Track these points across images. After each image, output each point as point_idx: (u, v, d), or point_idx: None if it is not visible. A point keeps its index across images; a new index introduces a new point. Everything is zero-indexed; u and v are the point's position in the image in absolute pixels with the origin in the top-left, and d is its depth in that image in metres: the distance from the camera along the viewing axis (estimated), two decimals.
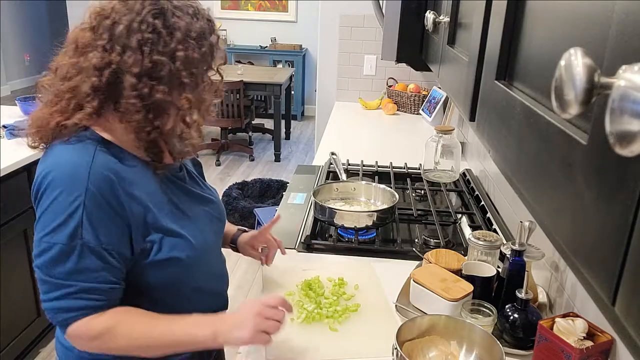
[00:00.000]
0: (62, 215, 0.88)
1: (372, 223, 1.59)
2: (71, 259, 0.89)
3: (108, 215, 0.91)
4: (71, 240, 0.89)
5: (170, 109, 0.95)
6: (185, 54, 0.91)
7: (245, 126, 5.41)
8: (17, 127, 2.43)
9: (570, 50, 0.31)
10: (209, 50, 0.96)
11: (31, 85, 7.99)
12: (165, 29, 0.91)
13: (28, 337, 2.34)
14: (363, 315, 1.24)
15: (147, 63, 0.89)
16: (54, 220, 0.89)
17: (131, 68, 0.89)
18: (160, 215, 0.98)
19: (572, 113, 0.31)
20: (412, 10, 1.48)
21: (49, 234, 0.89)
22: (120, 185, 0.92)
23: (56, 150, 0.93)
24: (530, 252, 1.15)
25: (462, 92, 0.78)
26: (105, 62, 0.90)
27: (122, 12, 0.91)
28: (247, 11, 6.80)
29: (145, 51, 0.89)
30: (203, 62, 0.96)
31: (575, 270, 0.38)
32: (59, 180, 0.89)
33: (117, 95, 0.92)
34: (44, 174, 0.91)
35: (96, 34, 0.92)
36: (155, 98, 0.91)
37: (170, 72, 0.91)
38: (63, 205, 0.88)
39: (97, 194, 0.89)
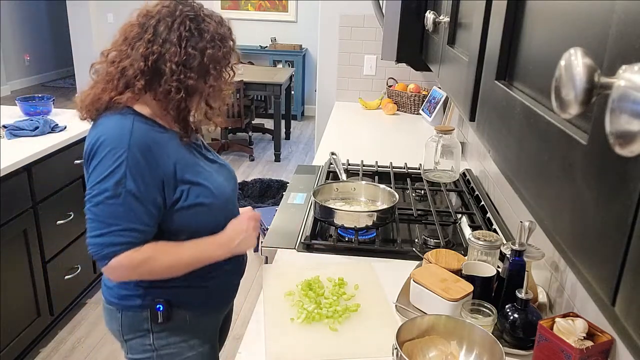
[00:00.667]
0: (110, 168, 1.11)
1: (372, 223, 1.59)
2: (117, 202, 1.11)
3: (146, 169, 1.13)
4: (116, 187, 1.11)
5: (197, 93, 1.20)
6: (212, 52, 1.17)
7: (245, 126, 5.41)
8: (18, 127, 2.43)
9: (570, 50, 0.31)
10: (229, 51, 1.22)
11: (31, 85, 8.00)
12: (198, 30, 1.16)
13: (28, 337, 2.34)
14: (363, 315, 1.24)
15: (183, 55, 1.14)
16: (103, 172, 1.11)
17: (171, 58, 1.14)
18: (186, 171, 1.20)
19: (572, 113, 0.31)
20: (412, 10, 1.47)
21: (99, 183, 1.11)
22: (155, 146, 1.15)
23: (104, 121, 1.16)
24: (530, 252, 1.15)
25: (462, 92, 0.78)
26: (150, 51, 1.14)
27: (165, 14, 1.15)
28: (247, 11, 6.81)
29: (182, 45, 1.14)
30: (224, 59, 1.21)
31: (575, 270, 0.38)
32: (107, 142, 1.12)
33: (159, 78, 1.16)
34: (96, 139, 1.13)
35: (143, 29, 1.16)
36: (188, 83, 1.15)
37: (200, 64, 1.16)
38: (111, 161, 1.11)
39: (137, 152, 1.12)
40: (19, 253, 2.24)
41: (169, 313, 1.26)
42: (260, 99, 6.15)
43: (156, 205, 1.16)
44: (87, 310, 2.77)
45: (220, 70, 1.21)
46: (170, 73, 1.14)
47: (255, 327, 1.20)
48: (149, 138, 1.15)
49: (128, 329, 1.29)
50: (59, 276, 2.51)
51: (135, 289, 1.25)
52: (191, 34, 1.15)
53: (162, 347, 1.29)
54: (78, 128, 2.61)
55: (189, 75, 1.15)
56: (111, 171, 1.11)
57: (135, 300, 1.26)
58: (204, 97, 1.24)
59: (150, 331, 1.28)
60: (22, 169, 2.19)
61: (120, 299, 1.27)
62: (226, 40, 1.21)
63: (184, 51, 1.14)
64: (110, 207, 1.11)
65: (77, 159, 2.58)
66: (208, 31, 1.17)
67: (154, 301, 1.25)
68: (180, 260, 1.21)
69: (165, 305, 1.25)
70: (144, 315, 1.26)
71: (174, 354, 1.30)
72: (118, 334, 1.31)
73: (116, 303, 1.28)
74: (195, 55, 1.15)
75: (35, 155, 2.25)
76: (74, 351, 2.49)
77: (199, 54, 1.15)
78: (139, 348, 1.30)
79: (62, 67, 8.57)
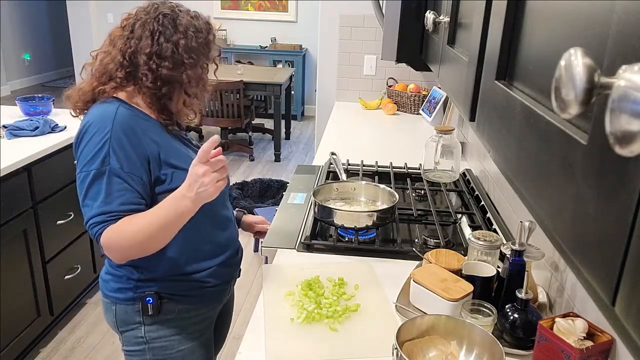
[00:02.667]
0: (95, 148, 1.18)
1: (372, 223, 1.59)
2: (102, 181, 1.17)
3: (129, 148, 1.19)
4: (101, 166, 1.17)
5: (174, 83, 1.26)
6: (185, 42, 1.24)
7: (245, 126, 5.40)
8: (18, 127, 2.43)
9: (570, 50, 0.31)
10: (205, 42, 1.29)
11: (31, 85, 8.00)
12: (171, 24, 1.24)
13: (28, 337, 2.34)
14: (363, 315, 1.24)
15: (155, 46, 1.23)
16: (89, 154, 1.18)
17: (144, 49, 1.23)
18: (170, 155, 1.26)
19: (572, 113, 0.31)
20: (412, 10, 1.47)
21: (86, 164, 1.19)
22: (138, 128, 1.22)
23: (91, 110, 1.25)
24: (530, 252, 1.15)
25: (462, 92, 0.78)
26: (127, 46, 1.24)
27: (142, 14, 1.26)
28: (247, 11, 6.80)
29: (155, 38, 1.23)
30: (200, 50, 1.27)
31: (575, 270, 0.38)
32: (93, 125, 1.20)
33: (136, 70, 1.24)
34: (83, 124, 1.22)
35: (123, 29, 1.27)
36: (162, 72, 1.23)
37: (173, 54, 1.23)
38: (95, 142, 1.18)
39: (120, 131, 1.19)
40: (19, 253, 2.24)
41: (159, 305, 1.30)
42: (260, 99, 6.15)
43: (142, 184, 1.21)
44: (87, 310, 2.77)
45: (197, 59, 1.27)
46: (143, 63, 1.23)
47: (255, 327, 1.20)
48: (132, 121, 1.22)
49: (122, 322, 1.34)
50: (59, 276, 2.51)
51: (127, 282, 1.31)
52: (164, 27, 1.23)
53: (153, 340, 1.33)
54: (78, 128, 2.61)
55: (162, 64, 1.23)
56: (96, 152, 1.17)
57: (127, 293, 1.31)
58: (184, 87, 1.28)
59: (142, 324, 1.32)
60: (22, 169, 2.19)
61: (114, 292, 1.33)
62: (201, 32, 1.27)
63: (157, 43, 1.23)
64: (96, 186, 1.17)
65: None
66: (181, 24, 1.25)
67: (145, 293, 1.29)
68: (149, 221, 1.18)
69: (155, 298, 1.29)
70: (136, 308, 1.31)
71: (165, 346, 1.34)
72: (114, 326, 1.37)
73: (110, 296, 1.33)
74: (167, 47, 1.23)
75: (35, 155, 2.25)
76: (74, 351, 2.49)
77: (172, 45, 1.23)
78: (132, 340, 1.35)
79: (62, 67, 8.57)
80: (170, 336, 1.34)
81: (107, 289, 1.34)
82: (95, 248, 2.82)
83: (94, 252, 2.81)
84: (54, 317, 2.52)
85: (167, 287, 1.31)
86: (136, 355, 1.36)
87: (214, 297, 1.42)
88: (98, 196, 1.18)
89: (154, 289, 1.30)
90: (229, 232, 1.43)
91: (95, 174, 1.18)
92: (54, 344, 2.52)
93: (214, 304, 1.43)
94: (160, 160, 1.24)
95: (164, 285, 1.31)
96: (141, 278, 1.30)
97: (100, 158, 1.17)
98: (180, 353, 1.36)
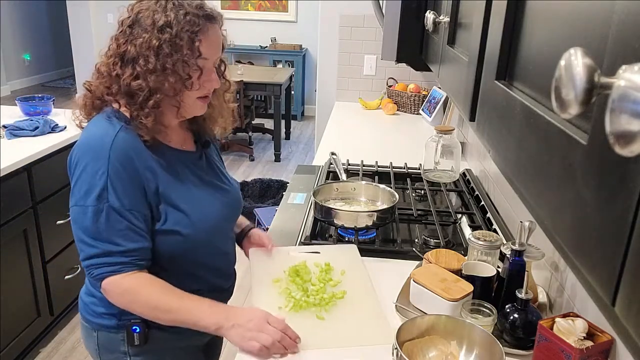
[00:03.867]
0: (90, 180, 1.05)
1: (372, 223, 1.59)
2: (101, 219, 1.05)
3: (127, 181, 1.07)
4: (99, 202, 1.05)
5: (158, 91, 1.08)
6: (147, 45, 1.06)
7: (245, 126, 5.41)
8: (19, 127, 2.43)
9: (570, 50, 0.31)
10: (173, 39, 1.06)
11: (31, 85, 8.00)
12: (129, 26, 1.08)
13: (28, 337, 2.34)
14: (349, 303, 1.25)
15: (125, 57, 1.08)
16: (83, 186, 1.06)
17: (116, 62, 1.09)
18: (169, 190, 1.13)
19: (572, 113, 0.31)
20: (412, 10, 1.47)
21: (82, 198, 1.06)
22: (137, 157, 1.09)
23: (87, 127, 1.14)
24: (530, 252, 1.15)
25: (462, 92, 0.78)
26: (107, 59, 1.12)
27: (122, 22, 1.11)
28: (247, 11, 6.80)
29: (124, 49, 1.08)
30: (165, 50, 1.06)
31: (575, 270, 0.38)
32: (87, 154, 1.07)
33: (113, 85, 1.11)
34: (76, 150, 1.09)
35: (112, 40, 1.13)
36: (129, 85, 1.07)
37: (134, 62, 1.07)
38: (90, 174, 1.06)
39: (117, 163, 1.06)
40: (19, 253, 2.24)
41: (146, 335, 1.18)
42: (260, 99, 6.14)
43: (145, 217, 1.11)
44: None
45: (166, 60, 1.06)
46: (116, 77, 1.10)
47: None
48: (131, 147, 1.08)
49: (105, 350, 1.22)
50: (59, 276, 2.51)
51: (110, 307, 1.16)
52: (131, 35, 1.08)
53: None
54: (78, 128, 2.61)
55: (126, 75, 1.08)
56: (92, 185, 1.05)
57: (111, 319, 1.18)
58: (169, 91, 1.10)
59: (127, 354, 1.20)
60: (22, 169, 2.19)
61: (96, 317, 1.20)
62: (169, 26, 1.07)
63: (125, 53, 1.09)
64: (94, 225, 1.06)
65: None
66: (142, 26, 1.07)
67: (130, 322, 1.16)
68: (165, 303, 1.10)
69: (142, 327, 1.16)
70: (120, 337, 1.19)
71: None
72: (95, 354, 1.24)
73: (92, 322, 1.21)
74: (129, 50, 1.07)
75: (35, 155, 2.25)
76: (74, 351, 2.49)
77: (136, 53, 1.07)
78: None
79: (62, 67, 8.57)
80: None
81: (89, 312, 1.21)
82: None
83: None
84: (54, 317, 2.52)
85: None
86: None
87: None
88: (98, 235, 1.06)
89: (141, 317, 1.15)
90: (227, 260, 1.33)
91: (93, 209, 1.05)
92: (54, 344, 2.52)
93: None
94: (157, 194, 1.12)
95: None
96: None
97: (96, 193, 1.05)
98: None
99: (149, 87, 1.07)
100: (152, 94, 1.08)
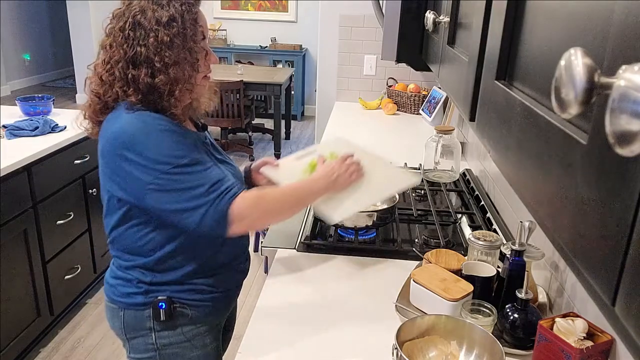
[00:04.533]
0: (160, 152, 1.10)
1: (372, 223, 1.59)
2: (184, 177, 1.11)
3: (181, 138, 1.14)
4: (180, 160, 1.11)
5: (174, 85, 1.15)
6: (155, 40, 1.11)
7: (245, 126, 5.40)
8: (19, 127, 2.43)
9: (570, 50, 0.31)
10: (181, 31, 1.14)
11: (31, 85, 8.00)
12: (131, 30, 1.13)
13: (28, 337, 2.34)
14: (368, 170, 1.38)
15: (129, 53, 1.13)
16: (160, 156, 1.10)
17: (119, 59, 1.14)
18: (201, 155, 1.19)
19: (572, 113, 0.31)
20: (412, 10, 1.48)
21: (161, 164, 1.09)
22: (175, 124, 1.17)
23: (116, 120, 1.14)
24: (530, 252, 1.15)
25: (462, 92, 0.78)
26: (108, 57, 1.17)
27: (116, 18, 1.18)
28: (247, 11, 6.80)
29: (128, 44, 1.13)
30: (175, 43, 1.13)
31: (575, 270, 0.38)
32: (139, 135, 1.10)
33: (116, 82, 1.16)
34: (123, 132, 1.11)
35: (107, 36, 1.19)
36: (140, 82, 1.12)
37: (147, 58, 1.12)
38: (154, 142, 1.10)
39: (167, 125, 1.13)
40: (19, 253, 2.24)
41: (172, 311, 1.25)
42: (260, 99, 6.15)
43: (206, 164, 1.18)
44: (87, 310, 2.77)
45: (176, 54, 1.13)
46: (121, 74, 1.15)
47: (256, 327, 1.20)
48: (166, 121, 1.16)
49: (131, 328, 1.28)
50: (59, 276, 2.51)
51: (137, 287, 1.24)
52: (135, 29, 1.13)
53: (164, 347, 1.28)
54: (78, 128, 2.61)
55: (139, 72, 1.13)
56: (164, 153, 1.10)
57: (137, 297, 1.25)
58: (186, 78, 1.16)
59: (152, 330, 1.27)
60: (22, 169, 2.19)
61: (123, 297, 1.26)
62: (174, 20, 1.14)
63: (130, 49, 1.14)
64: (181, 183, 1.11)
65: (77, 159, 2.58)
66: (148, 20, 1.13)
67: (157, 298, 1.24)
68: (286, 193, 1.24)
69: (167, 303, 1.23)
70: (146, 314, 1.25)
71: (176, 353, 1.29)
72: (120, 333, 1.30)
73: (118, 301, 1.27)
74: (140, 51, 1.13)
75: (35, 155, 2.25)
76: (74, 351, 2.49)
77: (144, 48, 1.12)
78: (141, 347, 1.29)
79: (62, 67, 8.57)
80: (181, 343, 1.29)
81: (115, 293, 1.28)
82: (96, 248, 2.82)
83: (94, 252, 2.81)
84: (54, 317, 2.52)
85: (179, 292, 1.26)
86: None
87: (224, 303, 1.38)
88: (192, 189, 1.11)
89: (166, 293, 1.24)
90: (244, 239, 1.39)
91: (175, 170, 1.10)
92: (54, 344, 2.52)
93: (225, 309, 1.39)
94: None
95: (176, 290, 1.26)
96: (153, 282, 1.24)
97: (171, 156, 1.10)
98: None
99: (169, 79, 1.13)
100: (174, 85, 1.14)
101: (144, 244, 1.21)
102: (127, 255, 1.24)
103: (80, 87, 7.05)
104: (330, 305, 1.29)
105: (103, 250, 2.90)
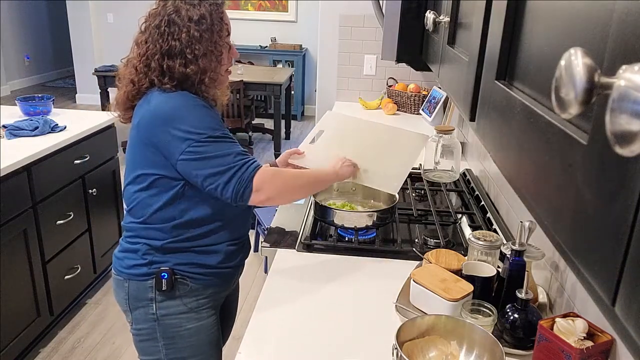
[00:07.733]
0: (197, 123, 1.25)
1: (372, 223, 1.59)
2: (216, 146, 1.25)
3: (214, 114, 1.33)
4: (213, 132, 1.26)
5: (190, 77, 1.30)
6: (187, 35, 1.28)
7: (245, 126, 5.40)
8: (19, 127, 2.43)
9: (570, 50, 0.31)
10: (209, 27, 1.31)
11: (31, 85, 8.00)
12: (167, 26, 1.29)
13: (28, 337, 2.34)
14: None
15: (165, 46, 1.29)
16: (190, 126, 1.24)
17: (156, 52, 1.30)
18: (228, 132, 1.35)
19: (572, 113, 0.31)
20: (412, 10, 1.48)
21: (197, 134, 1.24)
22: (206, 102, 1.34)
23: (157, 100, 1.29)
24: (530, 252, 1.15)
25: (462, 92, 0.78)
26: (144, 50, 1.32)
27: (152, 16, 1.33)
28: (247, 11, 6.80)
29: (164, 39, 1.29)
30: (205, 37, 1.30)
31: (575, 270, 0.38)
32: (179, 108, 1.26)
33: (151, 73, 1.32)
34: (167, 108, 1.27)
35: (142, 33, 1.35)
36: (175, 71, 1.29)
37: (182, 51, 1.28)
38: (192, 115, 1.26)
39: (202, 102, 1.31)
40: (19, 253, 2.24)
41: (173, 282, 1.34)
42: (260, 99, 6.14)
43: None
44: (87, 310, 2.77)
45: (204, 48, 1.31)
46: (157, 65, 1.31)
47: (256, 327, 1.21)
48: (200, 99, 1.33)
49: (134, 298, 1.38)
50: (59, 276, 2.51)
51: (142, 258, 1.35)
52: (170, 26, 1.30)
53: (163, 317, 1.37)
54: (78, 128, 2.61)
55: (174, 63, 1.29)
56: (204, 123, 1.26)
57: (142, 269, 1.35)
58: (213, 69, 1.34)
59: (153, 300, 1.36)
60: (22, 169, 2.19)
61: (128, 268, 1.37)
62: (204, 18, 1.31)
63: (166, 43, 1.30)
64: (219, 151, 1.25)
65: (77, 159, 2.58)
66: (182, 18, 1.30)
67: (160, 269, 1.34)
68: (303, 173, 1.42)
69: (169, 274, 1.34)
70: (149, 284, 1.35)
71: (174, 324, 1.38)
72: (124, 303, 1.40)
73: (124, 272, 1.37)
74: (175, 45, 1.30)
75: (35, 155, 2.25)
76: (74, 351, 2.49)
77: (178, 42, 1.29)
78: (142, 317, 1.38)
79: (62, 67, 8.57)
80: (180, 314, 1.38)
81: (122, 266, 1.38)
82: (95, 248, 2.82)
83: (93, 252, 2.81)
84: (54, 317, 2.52)
85: (181, 264, 1.35)
86: (145, 334, 1.39)
87: (225, 278, 1.45)
88: (224, 152, 1.26)
89: (169, 265, 1.34)
90: (246, 215, 1.48)
91: (210, 140, 1.25)
92: (54, 344, 2.52)
93: (224, 285, 1.46)
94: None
95: (178, 262, 1.35)
96: (157, 254, 1.34)
97: (206, 127, 1.25)
98: (188, 331, 1.39)
99: (199, 69, 1.30)
100: (203, 74, 1.31)
101: (162, 211, 1.32)
102: (141, 225, 1.35)
103: (80, 87, 7.05)
104: (330, 305, 1.29)
105: (103, 250, 2.90)
